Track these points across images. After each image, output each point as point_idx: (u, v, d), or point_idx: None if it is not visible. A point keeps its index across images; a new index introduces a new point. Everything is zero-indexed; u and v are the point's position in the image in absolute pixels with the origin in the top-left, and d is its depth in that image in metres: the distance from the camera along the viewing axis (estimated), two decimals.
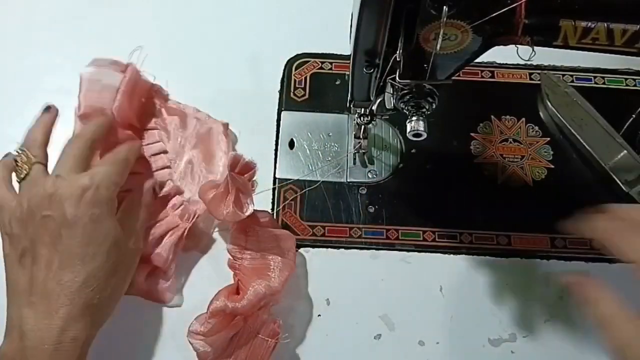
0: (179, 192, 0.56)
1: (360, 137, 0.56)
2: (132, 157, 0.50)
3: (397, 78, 0.43)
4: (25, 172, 0.45)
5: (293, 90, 0.62)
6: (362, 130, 0.55)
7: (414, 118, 0.46)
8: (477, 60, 0.42)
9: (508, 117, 0.61)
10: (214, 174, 0.56)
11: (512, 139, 0.60)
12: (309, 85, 0.62)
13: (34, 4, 0.68)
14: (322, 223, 0.56)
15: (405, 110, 0.46)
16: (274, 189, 0.57)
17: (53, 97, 0.61)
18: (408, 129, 0.46)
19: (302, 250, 0.55)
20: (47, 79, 0.62)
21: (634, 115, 0.59)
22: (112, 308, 0.45)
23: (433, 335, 0.51)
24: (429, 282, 0.54)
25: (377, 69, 0.43)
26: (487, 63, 0.63)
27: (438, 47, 0.39)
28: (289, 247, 0.50)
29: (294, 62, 0.64)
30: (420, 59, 0.41)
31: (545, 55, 0.45)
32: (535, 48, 0.40)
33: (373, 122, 0.54)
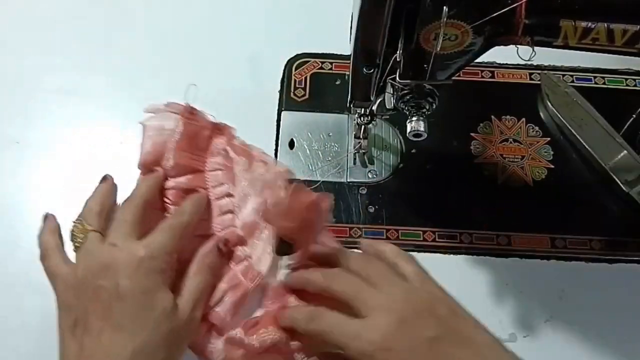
0: (243, 242, 0.51)
1: (360, 137, 0.56)
2: (193, 216, 0.47)
3: (397, 78, 0.43)
4: (81, 241, 0.44)
5: (293, 90, 0.62)
6: (362, 130, 0.55)
7: (414, 118, 0.46)
8: (477, 60, 0.42)
9: (508, 117, 0.61)
10: None
11: (512, 139, 0.60)
12: (309, 85, 0.62)
13: (34, 4, 0.68)
14: None
15: (406, 111, 0.46)
16: None
17: (53, 97, 0.62)
18: (408, 129, 0.46)
19: None
20: (47, 79, 0.62)
21: (634, 115, 0.59)
22: None
23: None
24: None
25: (377, 69, 0.43)
26: (487, 63, 0.63)
27: (438, 47, 0.39)
28: None
29: (294, 62, 0.64)
30: (420, 59, 0.41)
31: (545, 55, 0.45)
32: (535, 48, 0.40)
33: (373, 122, 0.54)
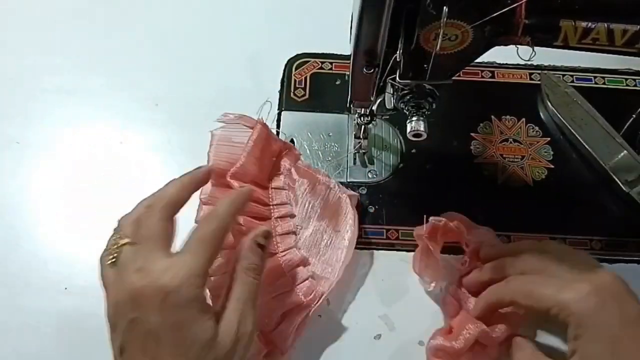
0: (305, 263, 0.51)
1: (361, 137, 0.56)
2: (228, 220, 0.42)
3: (397, 78, 0.43)
4: (114, 257, 0.40)
5: (293, 90, 0.62)
6: (362, 130, 0.55)
7: (414, 118, 0.46)
8: (477, 60, 0.42)
9: (508, 117, 0.61)
10: (340, 249, 0.52)
11: (512, 139, 0.60)
12: (309, 85, 0.62)
13: (34, 4, 0.68)
14: None
15: (406, 111, 0.46)
16: None
17: (53, 97, 0.62)
18: (408, 129, 0.46)
19: None
20: (47, 79, 0.62)
21: (634, 115, 0.59)
22: None
23: None
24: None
25: (377, 69, 0.43)
26: (487, 63, 0.63)
27: (438, 47, 0.39)
28: None
29: (294, 62, 0.64)
30: (420, 59, 0.41)
31: (545, 55, 0.45)
32: (535, 48, 0.40)
33: (373, 122, 0.54)
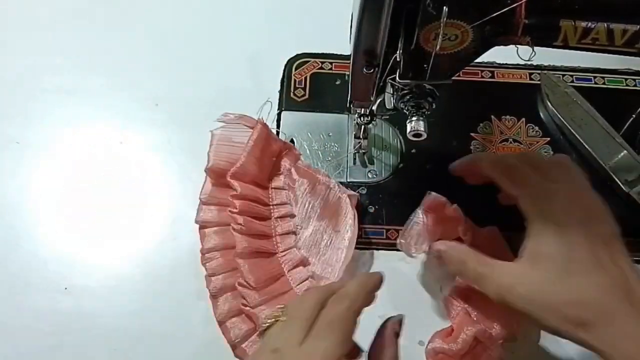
0: (305, 263, 0.51)
1: (360, 137, 0.56)
2: (360, 301, 0.41)
3: (397, 78, 0.43)
4: (265, 326, 0.40)
5: (293, 90, 0.62)
6: (362, 130, 0.55)
7: (414, 118, 0.46)
8: (477, 60, 0.42)
9: (508, 117, 0.61)
10: (340, 249, 0.52)
11: (512, 139, 0.60)
12: (309, 85, 0.62)
13: (34, 4, 0.68)
14: None
15: (405, 111, 0.46)
16: None
17: (53, 97, 0.62)
18: (408, 129, 0.46)
19: None
20: (47, 79, 0.62)
21: (634, 115, 0.59)
22: None
23: None
24: (429, 282, 0.54)
25: (377, 69, 0.43)
26: (487, 63, 0.63)
27: (438, 47, 0.39)
28: None
29: (294, 62, 0.64)
30: (420, 59, 0.41)
31: (545, 55, 0.45)
32: (535, 48, 0.40)
33: (373, 122, 0.54)
